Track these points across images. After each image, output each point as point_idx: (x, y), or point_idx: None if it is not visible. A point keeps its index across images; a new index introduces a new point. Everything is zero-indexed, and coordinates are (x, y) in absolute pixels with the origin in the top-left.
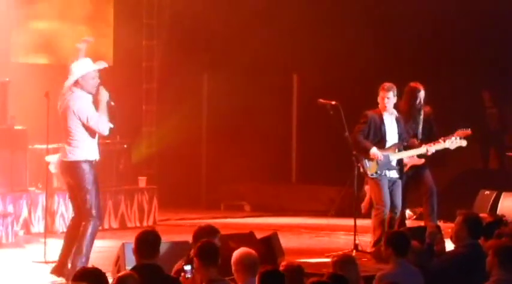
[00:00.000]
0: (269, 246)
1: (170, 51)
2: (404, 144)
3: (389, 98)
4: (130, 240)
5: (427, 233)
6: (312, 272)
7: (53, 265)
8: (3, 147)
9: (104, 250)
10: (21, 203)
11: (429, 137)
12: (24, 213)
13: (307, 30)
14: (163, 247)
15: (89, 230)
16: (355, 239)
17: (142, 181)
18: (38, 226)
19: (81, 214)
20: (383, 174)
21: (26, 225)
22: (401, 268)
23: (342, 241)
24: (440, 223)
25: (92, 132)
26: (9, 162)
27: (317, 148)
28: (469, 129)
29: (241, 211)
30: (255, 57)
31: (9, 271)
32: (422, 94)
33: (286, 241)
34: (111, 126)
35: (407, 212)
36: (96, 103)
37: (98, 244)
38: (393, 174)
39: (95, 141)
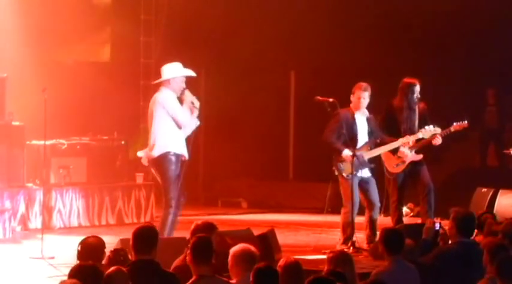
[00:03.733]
0: (266, 243)
1: (168, 47)
2: (376, 141)
3: (365, 98)
4: (127, 236)
5: (423, 229)
6: (309, 269)
7: (51, 260)
8: (0, 142)
9: None
10: (18, 199)
11: None
12: (22, 209)
13: (305, 27)
14: (160, 243)
15: (169, 219)
16: (367, 237)
17: (139, 177)
18: (35, 222)
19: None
20: (358, 173)
21: (23, 221)
22: (397, 265)
23: (339, 238)
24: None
25: (177, 127)
26: (7, 158)
27: (314, 145)
28: (466, 122)
29: (238, 208)
30: (253, 54)
31: (6, 267)
32: (417, 88)
33: (283, 238)
34: (198, 123)
35: (405, 209)
36: (181, 104)
37: None
38: (365, 173)
39: (181, 138)
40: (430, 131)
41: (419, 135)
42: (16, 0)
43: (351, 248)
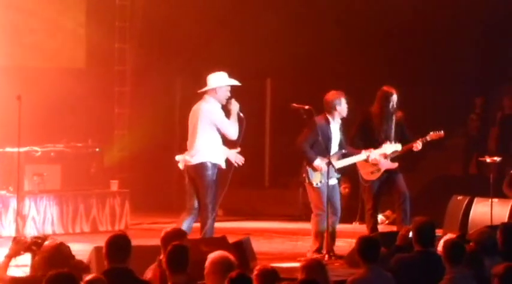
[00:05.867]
0: (241, 250)
1: (143, 54)
2: (343, 152)
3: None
4: (102, 244)
5: (398, 236)
6: (284, 277)
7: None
8: None
9: (75, 254)
10: None
11: (402, 141)
12: None
13: (281, 35)
14: (134, 251)
15: (210, 223)
16: (327, 244)
17: (114, 185)
18: (9, 230)
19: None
20: (325, 182)
21: None
22: (373, 273)
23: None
24: None
25: (218, 137)
26: None
27: (290, 152)
28: (442, 131)
29: None
30: (229, 61)
31: None
32: (395, 98)
33: (258, 246)
34: (237, 138)
35: (380, 217)
36: (227, 113)
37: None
38: (333, 181)
39: (220, 147)
40: (392, 147)
41: (383, 149)
42: None
43: (326, 256)
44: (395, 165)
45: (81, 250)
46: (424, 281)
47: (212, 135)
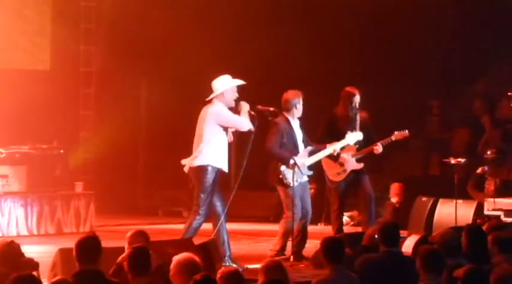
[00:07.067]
0: (207, 252)
1: (108, 56)
2: (310, 149)
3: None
4: (66, 246)
5: (364, 236)
6: (250, 278)
7: None
8: None
9: (40, 256)
10: None
11: (367, 142)
12: None
13: (246, 36)
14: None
15: (193, 225)
16: (293, 245)
17: (78, 187)
18: None
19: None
20: (299, 180)
21: None
22: (338, 274)
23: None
24: None
25: (224, 141)
26: None
27: (256, 154)
28: (406, 131)
29: (179, 217)
30: (194, 63)
31: None
32: (357, 98)
33: None
34: (252, 128)
35: (345, 218)
36: (237, 114)
37: (34, 249)
38: (305, 178)
39: (224, 152)
40: (354, 136)
41: (346, 140)
42: None
43: (291, 257)
44: (361, 165)
45: (46, 251)
46: (390, 281)
47: (218, 138)
